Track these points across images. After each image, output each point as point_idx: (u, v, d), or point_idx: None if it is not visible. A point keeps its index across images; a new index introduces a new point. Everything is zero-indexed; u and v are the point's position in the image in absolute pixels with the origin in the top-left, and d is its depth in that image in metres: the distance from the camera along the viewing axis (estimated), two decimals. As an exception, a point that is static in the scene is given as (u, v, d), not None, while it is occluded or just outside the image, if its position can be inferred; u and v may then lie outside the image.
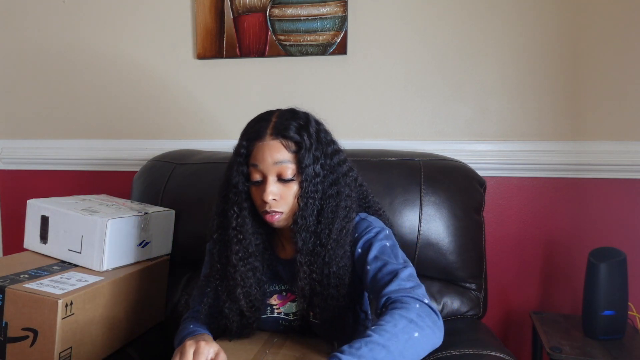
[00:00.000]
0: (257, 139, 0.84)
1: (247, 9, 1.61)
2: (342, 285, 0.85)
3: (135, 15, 1.72)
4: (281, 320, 0.94)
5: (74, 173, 1.84)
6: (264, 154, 0.83)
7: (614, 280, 1.22)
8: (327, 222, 0.84)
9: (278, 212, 0.84)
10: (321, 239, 0.84)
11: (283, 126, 0.84)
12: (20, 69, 1.84)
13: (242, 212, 0.86)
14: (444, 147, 1.52)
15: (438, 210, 1.23)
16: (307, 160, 0.83)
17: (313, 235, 0.84)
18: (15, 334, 0.96)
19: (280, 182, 0.84)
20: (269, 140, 0.83)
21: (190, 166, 1.43)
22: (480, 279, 1.27)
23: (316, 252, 0.84)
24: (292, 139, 0.83)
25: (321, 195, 0.85)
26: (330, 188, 0.86)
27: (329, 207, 0.85)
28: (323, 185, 0.85)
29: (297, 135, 0.83)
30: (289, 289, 0.94)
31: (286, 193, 0.84)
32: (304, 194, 0.83)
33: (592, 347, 1.20)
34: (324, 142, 0.87)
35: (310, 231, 0.84)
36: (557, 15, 1.45)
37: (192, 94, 1.71)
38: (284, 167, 0.83)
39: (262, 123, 0.86)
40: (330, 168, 0.87)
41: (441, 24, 1.52)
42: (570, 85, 1.47)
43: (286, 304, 0.94)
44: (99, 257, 1.12)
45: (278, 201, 0.84)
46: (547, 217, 1.52)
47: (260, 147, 0.83)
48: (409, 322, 0.70)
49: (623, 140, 1.44)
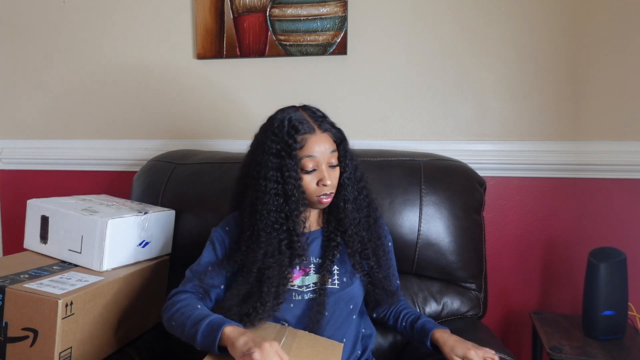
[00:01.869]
0: (309, 132, 0.95)
1: (247, 9, 1.61)
2: (385, 248, 1.06)
3: (135, 16, 1.72)
4: (295, 292, 0.99)
5: (74, 173, 1.84)
6: (318, 145, 0.94)
7: (614, 280, 1.22)
8: (363, 196, 1.03)
9: (331, 193, 0.98)
10: (362, 208, 1.02)
11: (321, 120, 0.97)
12: (20, 69, 1.84)
13: (301, 200, 0.95)
14: (444, 147, 1.52)
15: (438, 210, 1.23)
16: (347, 146, 1.00)
17: (354, 205, 1.01)
18: (15, 334, 0.96)
19: (330, 168, 0.97)
20: (319, 133, 0.95)
21: (190, 166, 1.43)
22: (480, 279, 1.27)
23: (362, 222, 1.02)
24: (332, 131, 0.98)
25: (358, 173, 1.03)
26: (356, 171, 1.03)
27: (360, 185, 1.03)
28: (354, 168, 1.02)
29: (332, 127, 0.98)
30: (302, 263, 1.01)
31: (336, 177, 0.98)
32: (350, 175, 1.00)
33: (592, 347, 1.20)
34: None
35: (353, 202, 1.01)
36: (557, 15, 1.45)
37: (192, 94, 1.71)
38: (333, 156, 0.97)
39: (302, 120, 0.95)
40: (352, 156, 1.03)
41: (441, 24, 1.52)
42: (570, 85, 1.47)
43: (299, 278, 1.00)
44: (99, 257, 1.12)
45: (332, 184, 0.97)
46: (547, 217, 1.52)
47: (314, 140, 0.94)
48: None
49: (623, 140, 1.44)
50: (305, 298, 0.99)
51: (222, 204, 1.33)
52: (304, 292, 0.99)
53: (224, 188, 1.34)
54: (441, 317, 1.24)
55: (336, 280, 1.01)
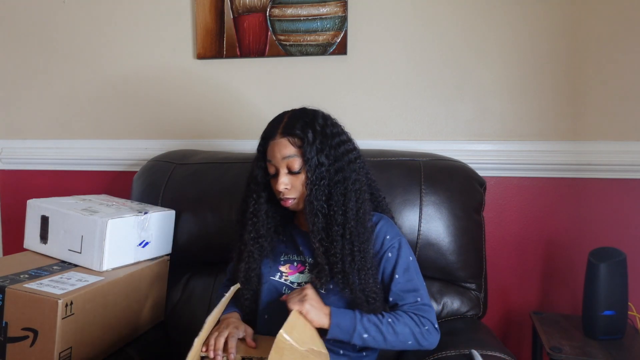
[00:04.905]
0: (270, 138, 0.98)
1: (247, 9, 1.61)
2: (369, 265, 0.96)
3: (135, 16, 1.72)
4: (285, 287, 1.03)
5: (74, 173, 1.84)
6: (274, 151, 0.97)
7: (614, 280, 1.22)
8: (339, 204, 0.95)
9: (290, 198, 0.98)
10: (336, 219, 0.95)
11: (290, 125, 0.97)
12: (20, 69, 1.84)
13: (259, 199, 1.02)
14: (444, 147, 1.52)
15: (438, 210, 1.23)
16: (310, 153, 0.95)
17: (323, 217, 0.95)
18: (15, 334, 0.96)
19: (290, 174, 0.97)
20: (278, 138, 0.97)
21: (190, 166, 1.43)
22: (480, 279, 1.27)
23: (333, 231, 0.95)
24: (297, 135, 0.95)
25: (328, 182, 0.96)
26: (337, 175, 0.97)
27: (338, 191, 0.96)
28: (329, 173, 0.96)
29: (300, 132, 0.95)
30: (300, 261, 1.05)
31: (295, 182, 0.97)
32: (309, 182, 0.95)
33: (592, 347, 1.20)
34: (330, 135, 0.98)
35: (320, 214, 0.95)
36: (557, 15, 1.45)
37: (192, 94, 1.71)
38: (291, 161, 0.96)
39: (275, 124, 1.00)
40: (335, 157, 0.97)
41: (441, 24, 1.52)
42: (570, 85, 1.47)
43: (295, 274, 1.04)
44: (99, 257, 1.12)
45: (290, 189, 0.97)
46: (547, 217, 1.52)
47: (272, 145, 0.97)
48: (413, 335, 0.93)
49: (623, 140, 1.44)
50: None
51: (222, 204, 1.33)
52: (295, 288, 1.01)
53: (224, 188, 1.35)
54: (441, 317, 1.24)
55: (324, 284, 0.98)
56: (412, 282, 0.98)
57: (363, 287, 0.95)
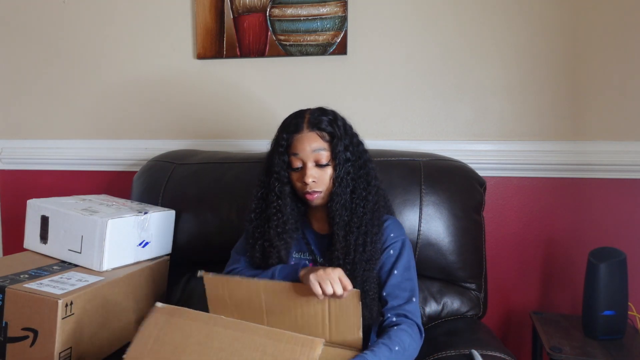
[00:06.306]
0: (296, 132, 0.99)
1: (247, 9, 1.61)
2: (375, 257, 0.98)
3: (135, 16, 1.72)
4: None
5: (74, 173, 1.84)
6: (303, 144, 0.98)
7: (614, 280, 1.22)
8: (361, 198, 0.99)
9: (317, 191, 0.99)
10: (357, 212, 0.98)
11: (317, 120, 0.99)
12: (20, 69, 1.84)
13: (283, 194, 1.01)
14: (444, 147, 1.52)
15: (438, 210, 1.23)
16: (339, 147, 0.98)
17: (348, 210, 0.98)
18: (15, 334, 0.96)
19: (317, 167, 0.99)
20: (306, 132, 0.98)
21: (190, 166, 1.43)
22: (480, 279, 1.27)
23: (352, 223, 0.98)
24: (326, 130, 0.99)
25: (353, 176, 1.00)
26: (360, 170, 1.02)
27: (361, 185, 1.00)
28: (354, 168, 1.00)
29: (329, 127, 0.99)
30: (312, 260, 1.06)
31: (323, 176, 0.99)
32: (338, 175, 0.98)
33: (592, 347, 1.20)
34: (350, 134, 1.03)
35: (345, 207, 0.98)
36: (557, 15, 1.45)
37: (192, 94, 1.71)
38: (320, 154, 0.98)
39: (297, 118, 1.01)
40: (358, 154, 1.02)
41: (441, 24, 1.52)
42: (570, 85, 1.47)
43: None
44: (99, 257, 1.12)
45: (317, 182, 0.99)
46: (547, 217, 1.52)
47: (299, 138, 0.98)
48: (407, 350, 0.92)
49: (623, 141, 1.44)
50: None
51: (222, 204, 1.33)
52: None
53: (224, 188, 1.35)
54: (441, 317, 1.24)
55: None
56: (410, 282, 1.00)
57: (365, 279, 0.96)
